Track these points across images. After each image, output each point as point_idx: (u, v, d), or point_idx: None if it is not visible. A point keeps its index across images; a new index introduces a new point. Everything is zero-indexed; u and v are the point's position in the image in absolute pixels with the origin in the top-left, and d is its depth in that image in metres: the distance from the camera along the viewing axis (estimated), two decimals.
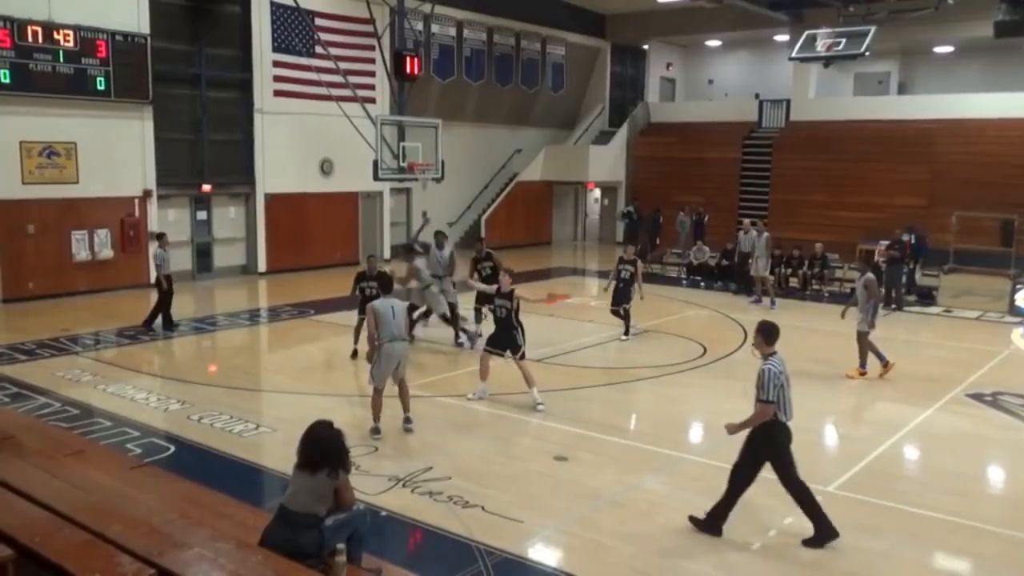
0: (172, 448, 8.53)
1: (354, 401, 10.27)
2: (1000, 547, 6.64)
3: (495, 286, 10.37)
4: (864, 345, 11.59)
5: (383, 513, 6.89)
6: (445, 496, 7.27)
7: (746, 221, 18.87)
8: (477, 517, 6.88)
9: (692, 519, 6.63)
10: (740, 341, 13.86)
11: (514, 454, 8.56)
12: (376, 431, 8.73)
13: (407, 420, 8.98)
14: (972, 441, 9.23)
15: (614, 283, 13.89)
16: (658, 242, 24.13)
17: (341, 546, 4.72)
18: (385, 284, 9.21)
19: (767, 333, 6.45)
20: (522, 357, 9.94)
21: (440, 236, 13.48)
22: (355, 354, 12.12)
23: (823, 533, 6.39)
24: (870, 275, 11.77)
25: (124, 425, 9.23)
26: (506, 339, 9.97)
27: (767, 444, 6.39)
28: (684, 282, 19.79)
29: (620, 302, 13.76)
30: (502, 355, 10.07)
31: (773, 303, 17.00)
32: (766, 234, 17.41)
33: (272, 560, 4.42)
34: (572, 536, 6.51)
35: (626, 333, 13.77)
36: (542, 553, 6.33)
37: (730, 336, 14.25)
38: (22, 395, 10.19)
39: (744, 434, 6.50)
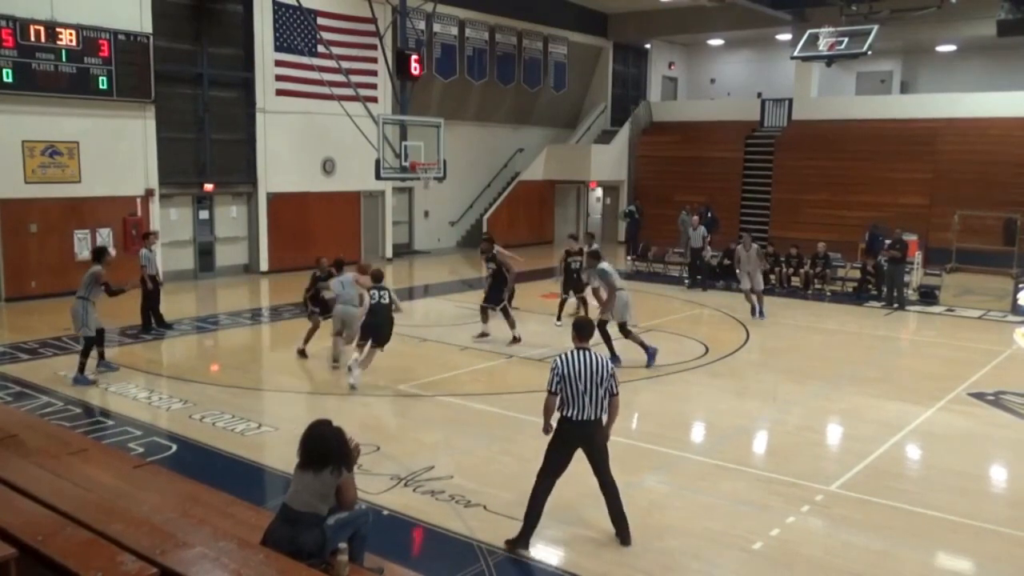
0: (174, 447, 8.54)
1: (356, 400, 10.29)
2: (1002, 546, 6.63)
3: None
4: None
5: (385, 512, 6.89)
6: (447, 495, 7.28)
7: (693, 216, 19.42)
8: (479, 516, 6.89)
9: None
10: (742, 340, 13.87)
11: (515, 453, 8.54)
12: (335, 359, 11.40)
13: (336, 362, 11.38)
14: (974, 440, 9.22)
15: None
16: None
17: (343, 545, 4.72)
18: (335, 265, 12.06)
19: (576, 328, 6.72)
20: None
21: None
22: (303, 353, 12.17)
23: (523, 540, 6.28)
24: (756, 246, 15.87)
25: (126, 424, 9.25)
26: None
27: (553, 436, 6.40)
28: (686, 281, 19.78)
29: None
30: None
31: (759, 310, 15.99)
32: (755, 246, 16.28)
33: (274, 559, 4.42)
34: (573, 535, 6.50)
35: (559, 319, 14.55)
36: (543, 552, 6.33)
37: (732, 335, 14.25)
38: (25, 394, 10.22)
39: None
